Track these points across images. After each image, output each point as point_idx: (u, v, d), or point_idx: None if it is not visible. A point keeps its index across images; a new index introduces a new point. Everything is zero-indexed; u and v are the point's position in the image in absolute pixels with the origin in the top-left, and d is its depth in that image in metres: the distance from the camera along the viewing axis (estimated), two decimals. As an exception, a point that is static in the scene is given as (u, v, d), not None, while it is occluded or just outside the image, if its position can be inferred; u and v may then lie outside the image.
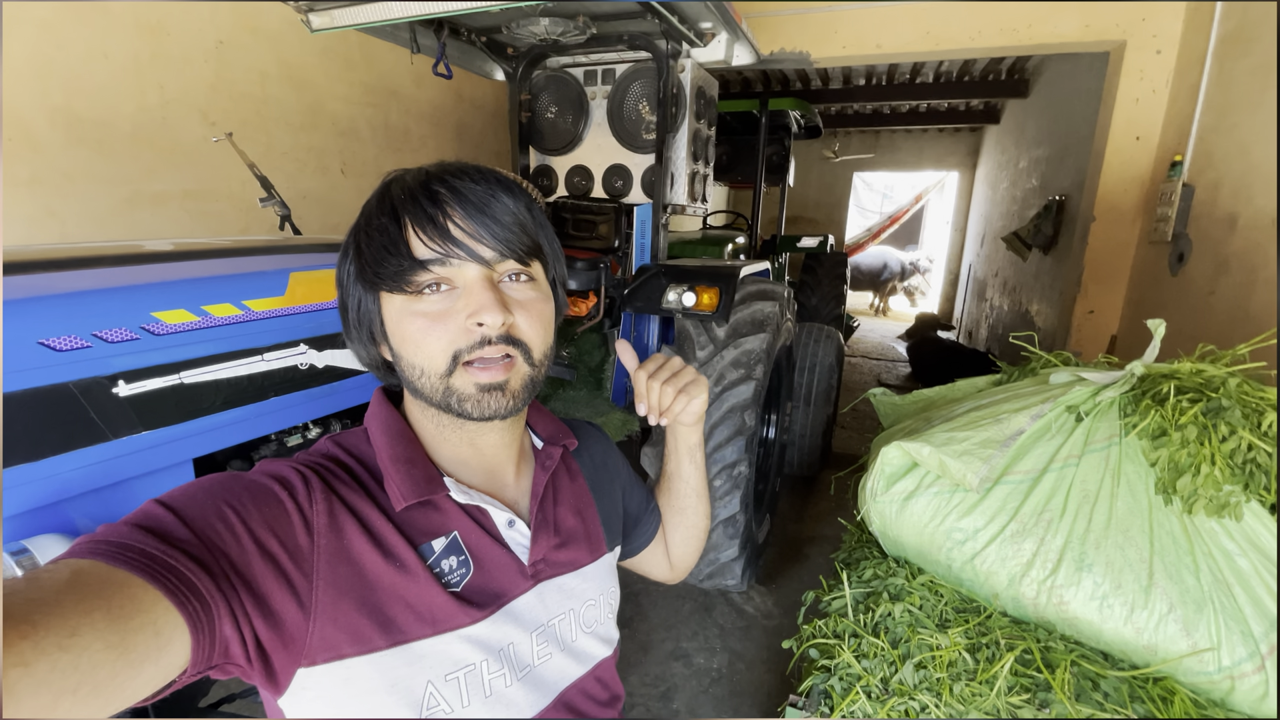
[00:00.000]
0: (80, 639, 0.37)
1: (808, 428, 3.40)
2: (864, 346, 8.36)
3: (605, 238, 2.59)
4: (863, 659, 1.22)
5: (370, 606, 0.56)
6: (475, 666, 0.60)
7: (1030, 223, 5.14)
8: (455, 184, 0.59)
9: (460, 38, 2.36)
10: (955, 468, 1.32)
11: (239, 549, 0.50)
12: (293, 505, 0.55)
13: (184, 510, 0.49)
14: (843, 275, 5.05)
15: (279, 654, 0.51)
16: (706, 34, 2.36)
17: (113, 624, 0.39)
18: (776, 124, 4.12)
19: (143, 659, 0.40)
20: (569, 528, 0.74)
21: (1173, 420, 1.25)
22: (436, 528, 0.62)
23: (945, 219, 11.00)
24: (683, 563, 0.95)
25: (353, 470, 0.62)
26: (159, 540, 0.46)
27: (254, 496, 0.53)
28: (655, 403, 0.76)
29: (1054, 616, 1.25)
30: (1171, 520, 1.20)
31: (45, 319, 0.84)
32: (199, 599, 0.45)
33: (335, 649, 0.53)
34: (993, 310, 6.89)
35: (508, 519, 0.67)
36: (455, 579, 0.61)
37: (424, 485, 0.62)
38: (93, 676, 0.37)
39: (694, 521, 0.92)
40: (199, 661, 0.45)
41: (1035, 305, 5.14)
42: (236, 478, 0.55)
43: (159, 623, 0.42)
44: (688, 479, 0.89)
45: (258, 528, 0.51)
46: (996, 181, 7.60)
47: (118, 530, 0.46)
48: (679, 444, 0.86)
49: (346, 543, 0.56)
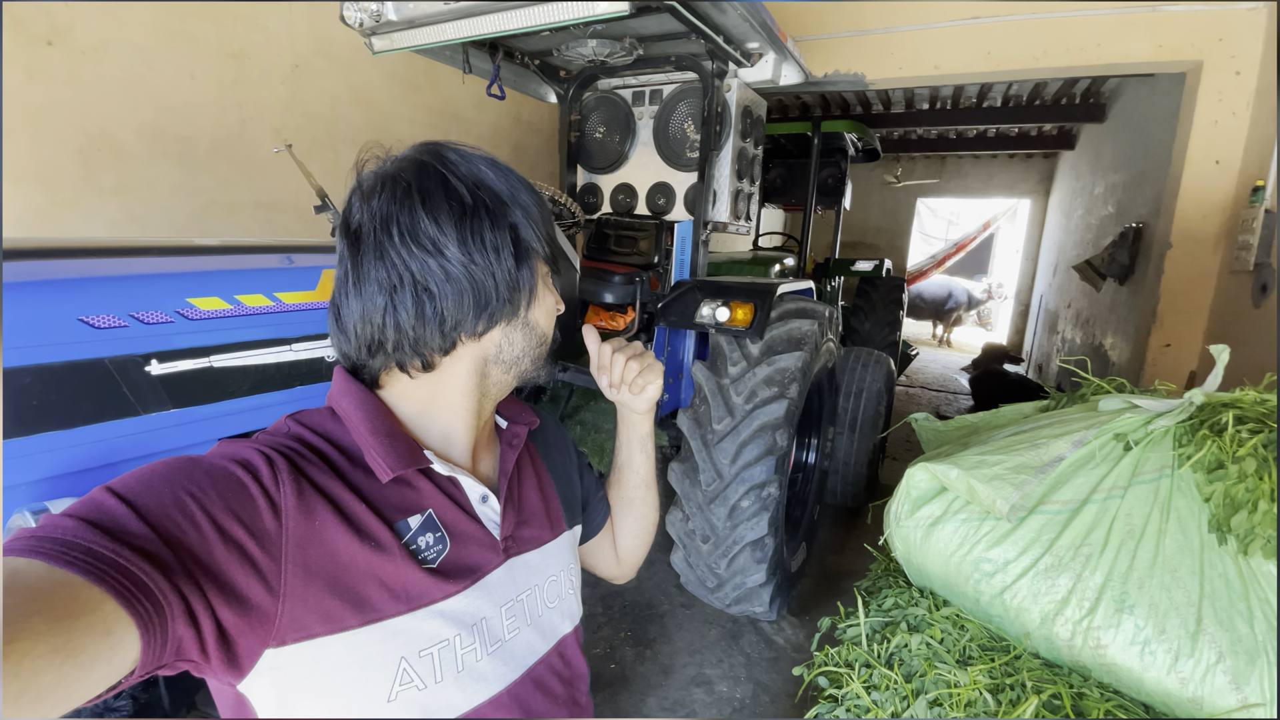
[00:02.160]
0: (18, 644, 0.35)
1: (852, 456, 3.28)
2: (924, 377, 8.04)
3: (645, 253, 2.61)
4: (873, 691, 1.15)
5: (343, 588, 0.55)
6: (449, 641, 0.60)
7: (1105, 251, 4.85)
8: None
9: (514, 60, 2.46)
10: (984, 492, 1.24)
11: (199, 537, 0.48)
12: (257, 489, 0.53)
13: (138, 500, 0.47)
14: (899, 300, 4.90)
15: (245, 637, 0.50)
16: (754, 54, 2.37)
17: (55, 626, 0.37)
18: (831, 146, 4.07)
19: (93, 660, 0.39)
20: (532, 505, 0.75)
21: (1230, 452, 1.14)
22: (411, 504, 0.62)
23: (1016, 247, 10.53)
24: (630, 556, 0.95)
25: (320, 450, 0.61)
26: (107, 537, 0.43)
27: (215, 481, 0.52)
28: (619, 376, 0.79)
29: (1090, 661, 1.14)
30: (1225, 561, 1.09)
31: (86, 298, 0.91)
32: (150, 599, 0.43)
33: (306, 629, 0.53)
34: (1064, 343, 6.51)
35: (481, 494, 0.68)
36: (432, 555, 0.62)
37: (408, 456, 0.62)
38: (35, 684, 0.35)
39: (642, 513, 0.93)
40: (148, 662, 0.43)
41: (1109, 338, 4.83)
42: (195, 462, 0.53)
43: (108, 622, 0.40)
44: (638, 469, 0.90)
45: (219, 514, 0.50)
46: (1071, 209, 7.23)
47: (61, 525, 0.44)
48: (631, 433, 0.88)
49: (318, 525, 0.55)
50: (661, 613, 2.57)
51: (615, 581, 0.98)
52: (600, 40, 2.27)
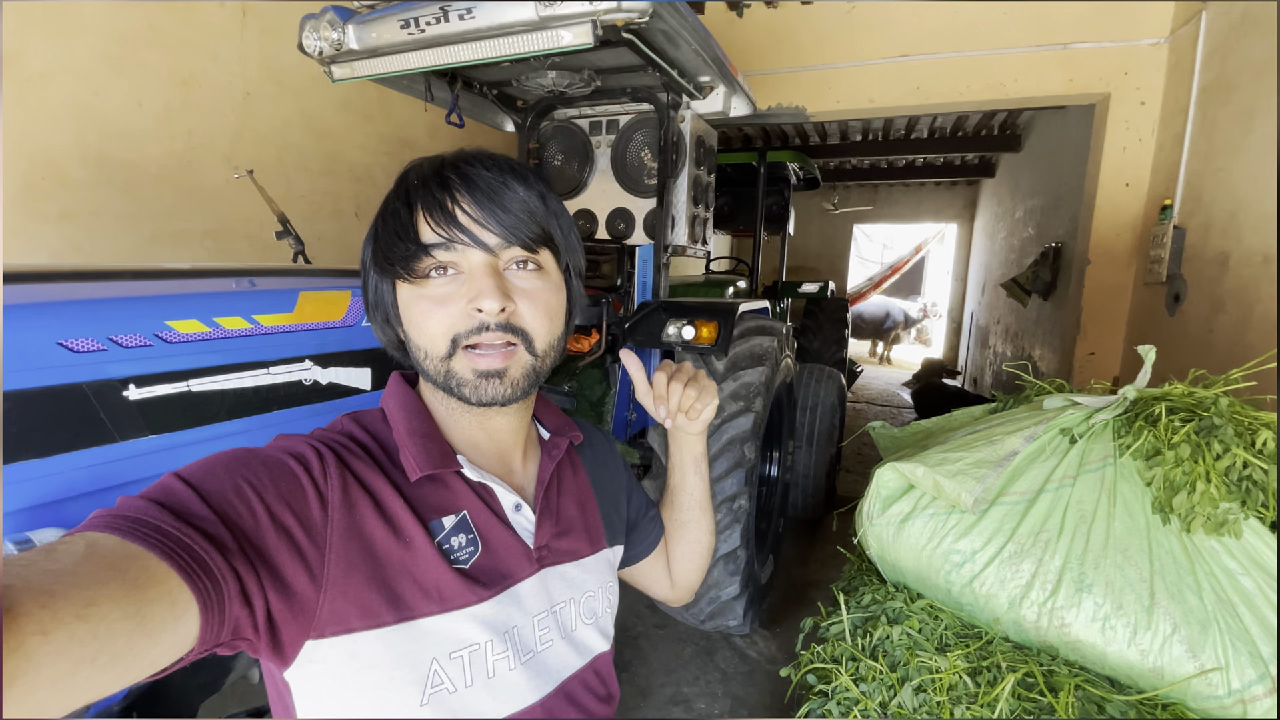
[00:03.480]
0: (98, 608, 0.37)
1: (811, 469, 3.38)
2: (869, 394, 8.34)
3: (608, 277, 2.66)
4: (861, 683, 1.19)
5: (379, 581, 0.56)
6: (480, 646, 0.60)
7: (1029, 269, 5.22)
8: (467, 171, 0.62)
9: (473, 90, 2.49)
10: (950, 487, 1.32)
11: (254, 523, 0.50)
12: (308, 480, 0.55)
13: (202, 485, 0.50)
14: (844, 320, 5.11)
15: (289, 626, 0.52)
16: (705, 87, 2.49)
17: (129, 594, 0.39)
18: (776, 175, 4.26)
19: (160, 629, 0.40)
20: (570, 517, 0.74)
21: (1166, 440, 1.26)
22: (447, 505, 0.63)
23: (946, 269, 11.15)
24: (685, 580, 0.93)
25: (368, 447, 0.63)
26: (174, 517, 0.46)
27: (270, 472, 0.54)
28: (676, 404, 0.77)
29: (1056, 640, 1.22)
30: (1170, 539, 1.19)
31: (65, 321, 0.88)
32: (210, 577, 0.45)
33: (344, 622, 0.54)
34: (996, 357, 6.91)
35: (515, 502, 0.68)
36: (464, 556, 0.62)
37: (439, 458, 0.63)
38: (111, 645, 0.37)
39: (697, 536, 0.90)
40: (207, 639, 0.45)
41: (1038, 350, 5.16)
42: (253, 453, 0.56)
43: (173, 594, 0.42)
44: (692, 491, 0.88)
45: (273, 502, 0.52)
46: (994, 232, 7.74)
47: (134, 505, 0.47)
48: (684, 455, 0.86)
49: (359, 518, 0.57)
50: (635, 634, 2.56)
51: (670, 604, 0.96)
52: (559, 71, 2.33)
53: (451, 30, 1.72)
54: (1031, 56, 3.63)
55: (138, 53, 2.27)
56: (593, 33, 1.59)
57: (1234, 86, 2.76)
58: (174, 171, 2.43)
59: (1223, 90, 2.86)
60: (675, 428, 0.83)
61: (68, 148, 2.08)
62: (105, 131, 2.19)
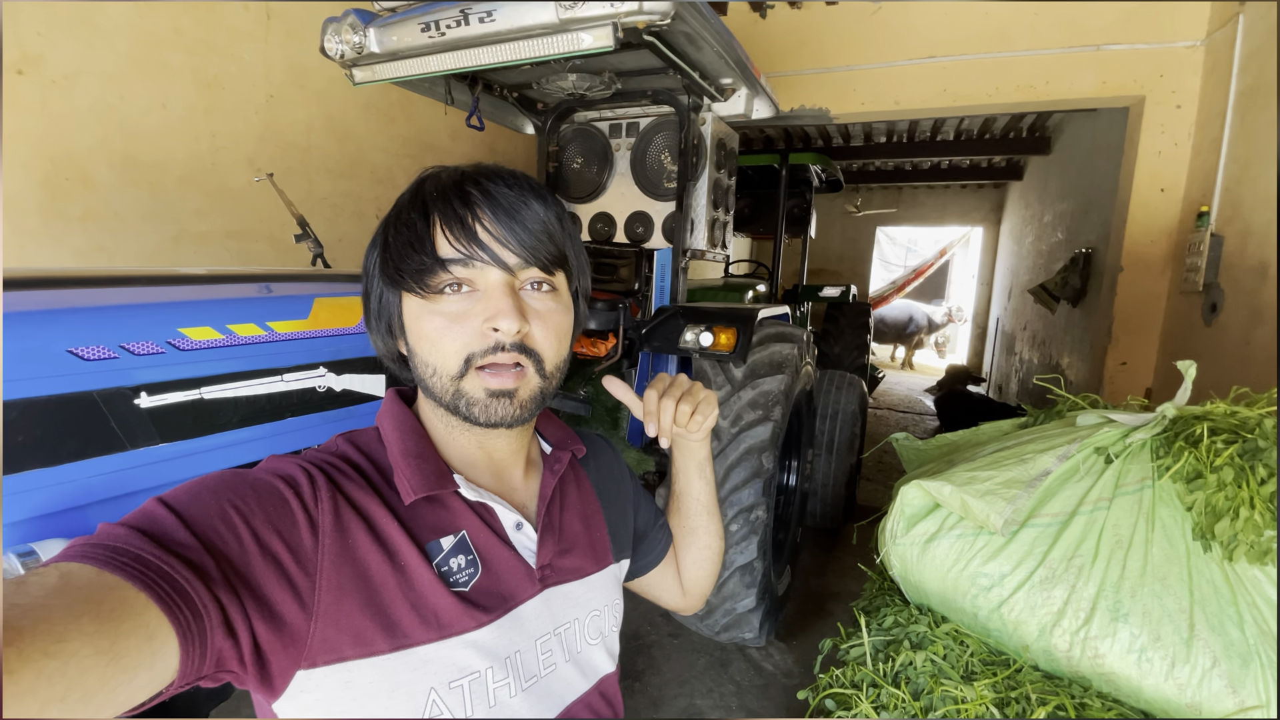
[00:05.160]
0: (68, 644, 0.35)
1: (830, 477, 3.32)
2: (890, 399, 8.22)
3: (626, 280, 2.64)
4: (882, 711, 1.15)
5: (374, 608, 0.54)
6: (480, 674, 0.58)
7: (1057, 275, 5.09)
8: (488, 186, 0.59)
9: (493, 93, 2.48)
10: (978, 508, 1.27)
11: (239, 549, 0.48)
12: (298, 504, 0.53)
13: (185, 510, 0.48)
14: (866, 325, 5.03)
15: (278, 656, 0.50)
16: (727, 89, 2.45)
17: (102, 628, 0.37)
18: (797, 178, 4.21)
19: (136, 664, 0.39)
20: (574, 534, 0.72)
21: (1208, 462, 1.20)
22: (445, 525, 0.61)
23: (971, 273, 10.95)
24: (696, 588, 0.91)
25: (362, 469, 0.61)
26: (155, 544, 0.44)
27: (259, 495, 0.52)
28: (668, 423, 0.74)
29: (1089, 671, 1.17)
30: (1211, 568, 1.13)
31: (76, 329, 0.88)
32: (190, 607, 0.43)
33: (337, 651, 0.52)
34: (1022, 364, 6.76)
35: (515, 521, 0.66)
36: (463, 579, 0.60)
37: (434, 479, 0.61)
38: (81, 683, 0.36)
39: (706, 541, 0.89)
40: (187, 672, 0.43)
41: (1066, 358, 5.03)
42: (241, 476, 0.54)
43: (151, 627, 0.40)
44: (698, 495, 0.87)
45: (260, 527, 0.50)
46: (1021, 236, 7.58)
47: (113, 533, 0.45)
48: (687, 460, 0.85)
49: (351, 542, 0.55)
50: (649, 643, 2.53)
51: (682, 613, 0.94)
52: (580, 74, 2.32)
53: (472, 33, 1.71)
54: (1064, 58, 3.53)
55: (162, 55, 2.30)
56: (614, 35, 1.56)
57: (1273, 91, 2.65)
58: (198, 173, 2.45)
59: (1261, 95, 2.75)
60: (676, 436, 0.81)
61: (92, 149, 2.11)
62: (130, 133, 2.21)
